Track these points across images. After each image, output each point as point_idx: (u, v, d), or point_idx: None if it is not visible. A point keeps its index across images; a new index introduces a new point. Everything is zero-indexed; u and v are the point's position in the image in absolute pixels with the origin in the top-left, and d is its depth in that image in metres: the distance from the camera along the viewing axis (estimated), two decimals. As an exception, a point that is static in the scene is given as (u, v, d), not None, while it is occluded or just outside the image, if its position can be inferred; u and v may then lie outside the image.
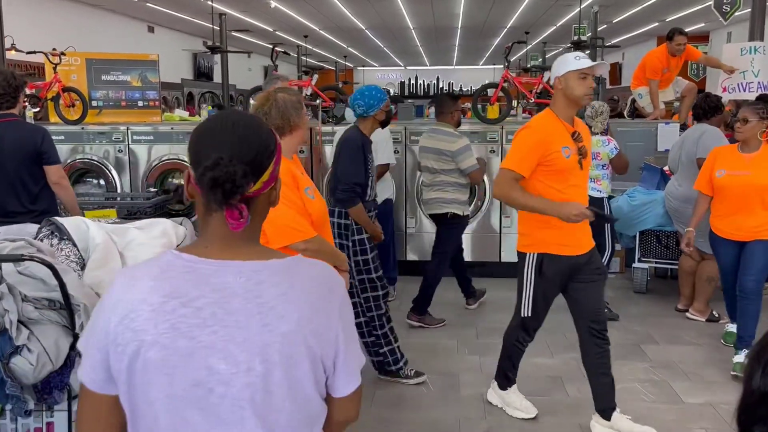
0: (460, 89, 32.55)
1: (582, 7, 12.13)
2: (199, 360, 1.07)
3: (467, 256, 5.98)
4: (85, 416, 1.17)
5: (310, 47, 20.49)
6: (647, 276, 5.42)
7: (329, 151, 5.64)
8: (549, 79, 6.65)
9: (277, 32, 17.45)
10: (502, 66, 29.61)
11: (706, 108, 4.82)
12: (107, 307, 1.13)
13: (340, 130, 5.38)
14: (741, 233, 3.85)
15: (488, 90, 6.97)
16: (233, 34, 15.63)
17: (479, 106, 6.35)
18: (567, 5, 13.19)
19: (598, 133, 4.66)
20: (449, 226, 4.78)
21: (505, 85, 6.22)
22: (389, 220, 5.38)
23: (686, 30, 6.15)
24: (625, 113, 7.64)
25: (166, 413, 1.09)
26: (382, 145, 5.13)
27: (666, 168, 5.57)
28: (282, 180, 1.29)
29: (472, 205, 5.93)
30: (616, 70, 22.10)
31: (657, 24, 16.03)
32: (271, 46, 8.58)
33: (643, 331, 4.59)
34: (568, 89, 2.94)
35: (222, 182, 1.10)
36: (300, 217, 2.46)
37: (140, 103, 7.22)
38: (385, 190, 5.26)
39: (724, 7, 6.34)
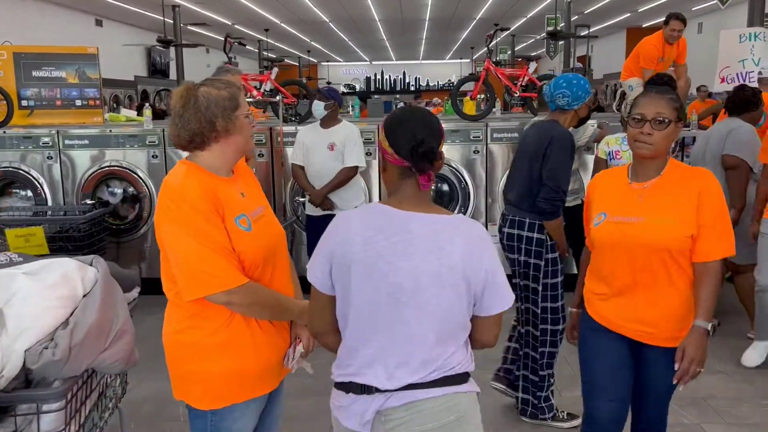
0: (427, 84, 32.09)
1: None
2: (393, 278, 1.57)
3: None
4: (313, 308, 1.74)
5: (272, 42, 19.67)
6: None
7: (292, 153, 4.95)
8: (535, 70, 6.15)
9: (236, 26, 16.59)
10: (468, 60, 29.27)
11: (738, 101, 4.25)
12: (331, 237, 1.66)
13: (304, 130, 4.69)
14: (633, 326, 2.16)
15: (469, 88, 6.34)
16: (189, 28, 14.74)
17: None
18: (540, -5, 12.70)
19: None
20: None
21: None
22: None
23: (658, 21, 5.59)
24: (614, 107, 7.10)
25: (367, 312, 1.61)
26: (351, 146, 4.47)
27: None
28: (196, 208, 1.76)
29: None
30: (585, 62, 21.79)
31: (629, 15, 15.69)
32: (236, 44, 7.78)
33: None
34: None
35: (428, 154, 1.58)
36: (221, 259, 1.76)
37: (78, 103, 6.42)
38: (353, 197, 4.59)
39: (721, -11, 5.85)
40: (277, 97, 5.25)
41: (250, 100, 5.50)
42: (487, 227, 5.33)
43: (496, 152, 5.23)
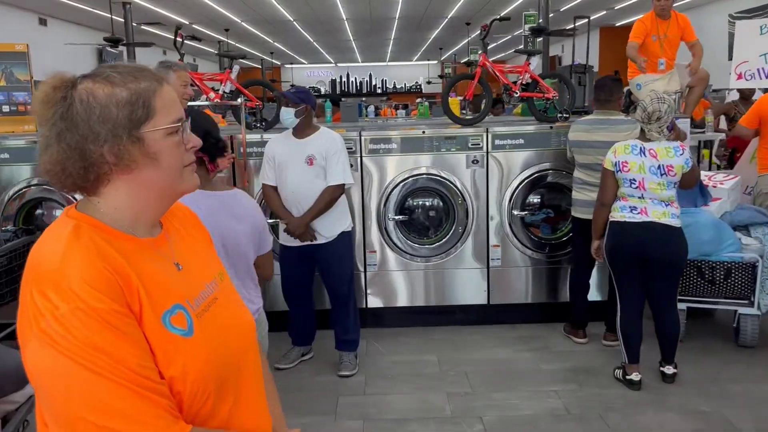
0: (394, 86, 31.33)
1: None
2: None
3: (429, 300, 4.62)
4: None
5: (233, 42, 18.66)
6: (683, 319, 4.17)
7: (257, 167, 4.11)
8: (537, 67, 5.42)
9: (194, 25, 15.56)
10: (436, 62, 28.60)
11: None
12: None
13: (273, 141, 3.88)
14: None
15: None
16: (143, 28, 13.69)
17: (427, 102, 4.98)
18: (517, -10, 12.06)
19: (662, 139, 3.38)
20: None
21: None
22: (348, 261, 3.91)
23: (632, 20, 4.95)
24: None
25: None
26: (335, 158, 3.68)
27: (709, 175, 4.37)
28: (85, 310, 0.92)
29: (451, 232, 4.54)
30: (555, 62, 21.33)
31: (605, 12, 15.20)
32: (190, 41, 6.91)
33: (713, 413, 3.31)
34: None
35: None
36: (137, 398, 0.93)
37: (5, 108, 5.51)
38: (339, 220, 3.80)
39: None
40: (239, 100, 4.41)
41: (206, 103, 4.65)
42: (488, 248, 4.58)
43: (500, 162, 4.48)
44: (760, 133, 4.63)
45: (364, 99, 26.47)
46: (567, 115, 4.85)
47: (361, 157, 4.46)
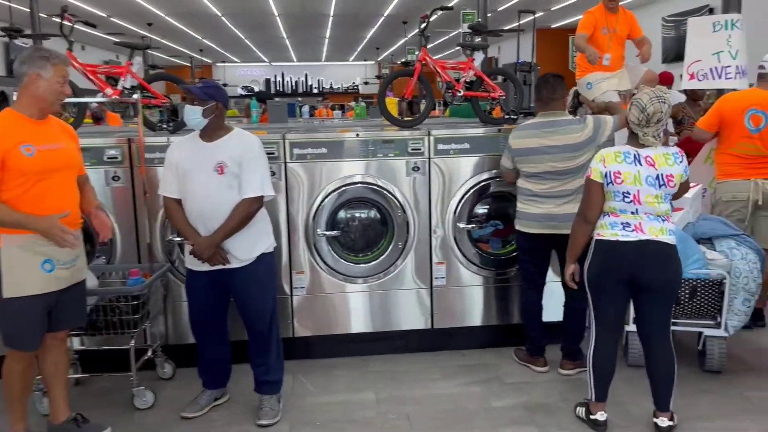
0: (330, 87, 30.69)
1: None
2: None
3: (366, 326, 4.08)
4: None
5: (158, 38, 17.61)
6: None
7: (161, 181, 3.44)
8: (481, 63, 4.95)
9: (112, 18, 14.52)
10: (374, 62, 28.12)
11: None
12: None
13: (176, 144, 3.25)
14: None
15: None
16: (55, 20, 12.60)
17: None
18: (454, -12, 11.70)
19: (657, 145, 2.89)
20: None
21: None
22: (269, 289, 3.30)
23: (568, 20, 4.60)
24: (567, 109, 6.07)
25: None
26: (251, 166, 3.08)
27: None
28: None
29: (390, 249, 4.00)
30: (492, 64, 21.25)
31: (542, 13, 15.08)
32: (114, 38, 6.14)
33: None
34: None
35: None
36: None
37: None
38: (258, 240, 3.20)
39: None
40: (134, 96, 3.72)
41: (104, 100, 3.94)
42: (431, 266, 4.06)
43: (443, 169, 3.98)
44: (719, 136, 4.31)
45: (300, 99, 25.81)
46: (515, 117, 4.40)
47: (285, 163, 3.86)
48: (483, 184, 4.01)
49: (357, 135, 3.91)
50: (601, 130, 3.59)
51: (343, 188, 3.90)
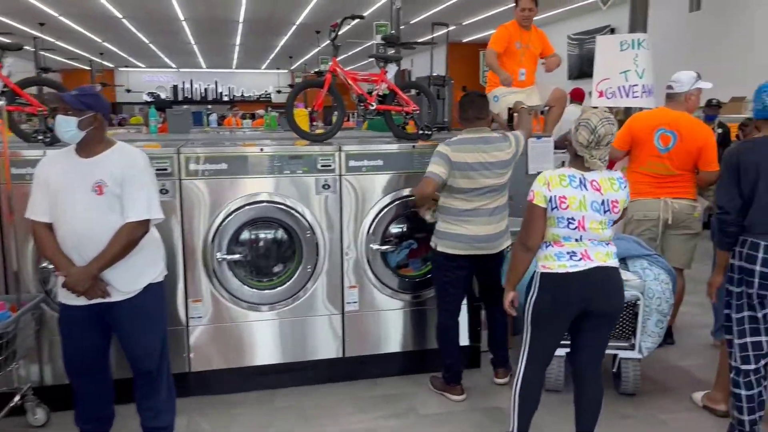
0: (242, 95, 29.91)
1: (385, 2, 10.60)
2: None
3: (272, 356, 3.78)
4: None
5: (52, 40, 16.43)
6: (562, 367, 3.66)
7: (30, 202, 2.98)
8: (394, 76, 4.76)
9: (1, 18, 13.38)
10: (287, 71, 27.62)
11: None
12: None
13: (48, 159, 2.83)
14: None
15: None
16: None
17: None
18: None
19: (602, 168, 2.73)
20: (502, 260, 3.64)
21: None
22: (158, 323, 2.92)
23: (480, 35, 4.60)
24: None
25: None
26: (135, 185, 2.71)
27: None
28: None
29: (298, 273, 3.71)
30: (405, 76, 21.36)
31: (453, 27, 15.24)
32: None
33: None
34: None
35: None
36: None
37: None
38: (145, 268, 2.82)
39: (603, -12, 4.96)
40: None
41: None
42: (343, 290, 3.80)
43: (355, 186, 3.74)
44: (630, 155, 4.32)
45: (209, 107, 24.91)
46: (429, 132, 4.23)
47: (180, 180, 3.49)
48: (398, 202, 3.80)
49: (261, 150, 3.60)
50: (520, 147, 3.57)
51: (246, 207, 3.57)
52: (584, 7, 13.00)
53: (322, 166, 3.66)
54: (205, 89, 29.13)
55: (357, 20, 4.23)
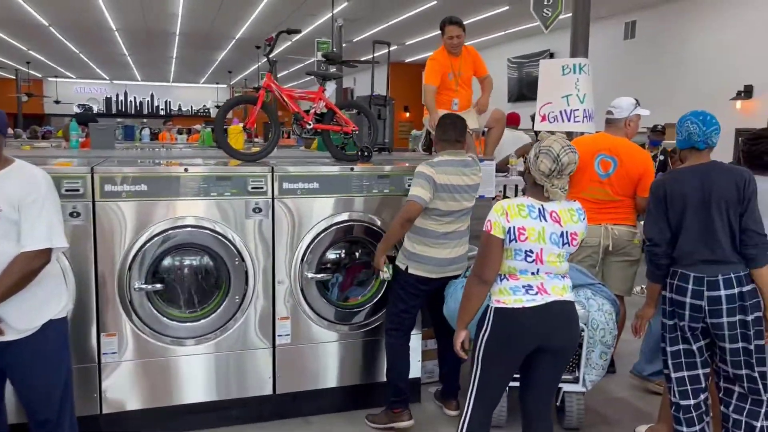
0: (179, 109, 29.16)
1: (332, 16, 10.44)
2: None
3: (197, 395, 3.48)
4: None
5: (-28, 46, 15.51)
6: (506, 402, 3.50)
7: None
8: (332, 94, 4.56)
9: None
10: (226, 86, 27.10)
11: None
12: None
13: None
14: None
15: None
16: None
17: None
18: (311, 14, 11.39)
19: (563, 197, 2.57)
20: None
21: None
22: (58, 365, 2.59)
23: (422, 55, 4.55)
24: (420, 147, 5.86)
25: None
26: (33, 210, 2.40)
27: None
28: None
29: (225, 303, 3.43)
30: (347, 95, 21.26)
31: (395, 47, 15.25)
32: None
33: None
34: None
35: None
36: None
37: None
38: (44, 304, 2.50)
39: (544, 11, 4.92)
40: None
41: None
42: (274, 322, 3.54)
43: (289, 210, 3.50)
44: (571, 180, 4.24)
45: (144, 120, 24.11)
46: (369, 154, 4.05)
47: (93, 202, 3.17)
48: (335, 228, 3.58)
49: (186, 170, 3.32)
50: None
51: (169, 232, 3.27)
52: (524, 31, 13.24)
53: (253, 188, 3.41)
54: (140, 102, 28.28)
55: (297, 35, 4.01)
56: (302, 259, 3.53)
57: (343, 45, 12.76)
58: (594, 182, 4.08)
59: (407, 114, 18.36)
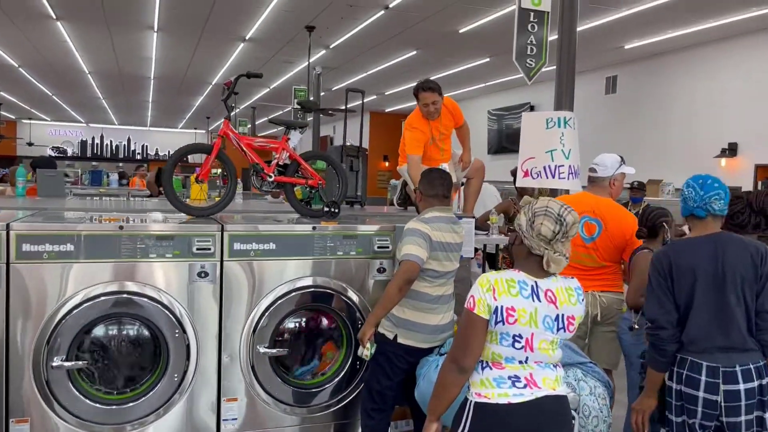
0: (156, 153, 28.72)
1: (308, 65, 10.22)
2: None
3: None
4: None
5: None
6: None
7: None
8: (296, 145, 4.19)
9: None
10: (205, 131, 26.81)
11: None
12: None
13: None
14: None
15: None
16: None
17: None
18: (287, 61, 11.17)
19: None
20: None
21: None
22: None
23: (402, 106, 4.28)
24: (395, 201, 5.48)
25: None
26: None
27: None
28: None
29: (163, 382, 2.95)
30: (327, 143, 21.08)
31: (375, 97, 15.12)
32: None
33: None
34: None
35: None
36: None
37: None
38: None
39: (527, 61, 4.67)
40: None
41: None
42: (219, 404, 3.06)
43: (241, 275, 3.07)
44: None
45: (120, 165, 23.60)
46: (336, 210, 3.66)
47: (8, 263, 2.71)
48: (293, 294, 3.15)
49: (121, 227, 2.89)
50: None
51: (96, 299, 2.82)
52: (504, 83, 13.17)
53: (199, 249, 2.98)
54: (116, 146, 27.84)
55: (258, 78, 3.67)
56: (254, 331, 3.08)
57: (322, 93, 12.56)
58: (579, 247, 3.71)
59: (386, 163, 18.16)
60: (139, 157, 27.93)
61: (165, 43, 10.46)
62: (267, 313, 3.10)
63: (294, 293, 3.15)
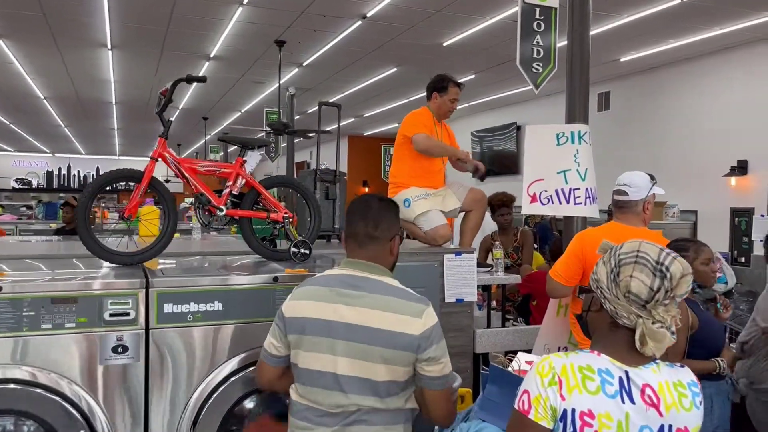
0: (127, 184, 27.61)
1: (279, 86, 9.46)
2: None
3: None
4: None
5: None
6: None
7: None
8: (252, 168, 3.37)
9: None
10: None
11: None
12: None
13: None
14: None
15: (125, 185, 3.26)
16: None
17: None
18: (258, 82, 10.41)
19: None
20: None
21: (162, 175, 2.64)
22: None
23: (378, 130, 3.58)
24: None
25: None
26: None
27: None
28: None
29: None
30: (304, 167, 20.29)
31: (353, 119, 14.38)
32: None
33: None
34: None
35: None
36: None
37: None
38: None
39: (534, 66, 3.93)
40: None
41: None
42: None
43: (173, 348, 2.23)
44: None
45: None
46: (307, 251, 2.85)
47: None
48: (249, 371, 2.32)
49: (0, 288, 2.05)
50: None
51: (-38, 394, 1.97)
52: (488, 103, 12.55)
53: (114, 315, 2.14)
54: (84, 176, 26.74)
55: (202, 83, 2.87)
56: (194, 423, 2.24)
57: (296, 117, 11.80)
58: None
59: (366, 189, 17.38)
60: (108, 188, 26.89)
61: (123, 64, 9.63)
62: (213, 398, 2.27)
63: (250, 369, 2.32)
